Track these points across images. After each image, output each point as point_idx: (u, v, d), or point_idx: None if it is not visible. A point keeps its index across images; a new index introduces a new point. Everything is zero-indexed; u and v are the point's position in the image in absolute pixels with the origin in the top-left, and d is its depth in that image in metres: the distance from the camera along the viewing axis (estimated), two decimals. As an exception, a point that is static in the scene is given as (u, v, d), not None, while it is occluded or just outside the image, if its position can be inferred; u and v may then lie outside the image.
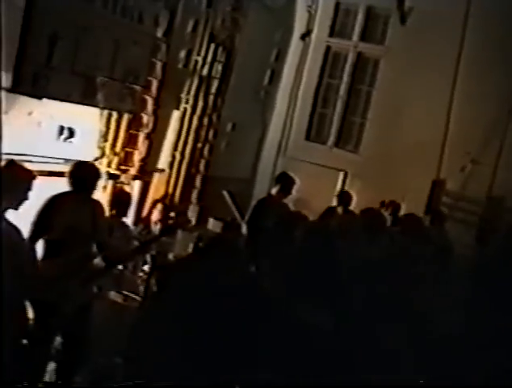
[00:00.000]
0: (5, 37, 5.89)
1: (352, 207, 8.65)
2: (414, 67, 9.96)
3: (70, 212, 5.12)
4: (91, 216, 5.33)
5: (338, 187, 10.23)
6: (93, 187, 5.42)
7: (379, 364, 4.41)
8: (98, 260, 5.47)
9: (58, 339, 5.57)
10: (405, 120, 10.11)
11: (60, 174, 7.04)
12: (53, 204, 5.13)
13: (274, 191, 7.93)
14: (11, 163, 4.63)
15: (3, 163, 4.63)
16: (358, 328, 4.48)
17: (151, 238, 6.75)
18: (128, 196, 7.66)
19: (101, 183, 6.26)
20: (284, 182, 7.90)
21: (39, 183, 4.63)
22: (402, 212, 8.38)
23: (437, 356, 4.75)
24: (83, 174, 5.33)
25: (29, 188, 4.50)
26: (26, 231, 4.75)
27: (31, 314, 4.90)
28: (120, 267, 6.73)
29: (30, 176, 4.55)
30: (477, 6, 9.53)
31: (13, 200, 4.40)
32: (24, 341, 4.64)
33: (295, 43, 11.01)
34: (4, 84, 5.99)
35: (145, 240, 6.30)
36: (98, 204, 5.53)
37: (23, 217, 4.68)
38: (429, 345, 4.86)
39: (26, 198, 4.49)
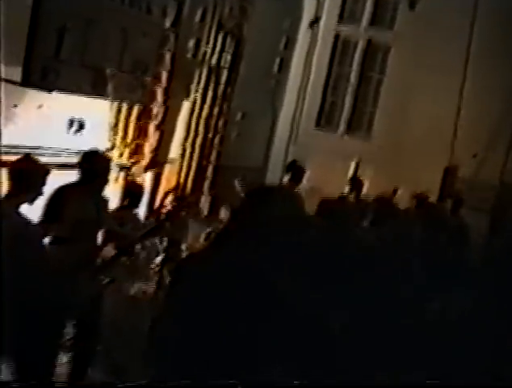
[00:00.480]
0: (14, 32, 5.91)
1: (364, 194, 8.64)
2: (425, 53, 9.90)
3: (77, 204, 5.12)
4: (97, 207, 5.33)
5: (350, 174, 10.19)
6: (103, 178, 5.42)
7: (386, 360, 4.39)
8: (105, 251, 5.49)
9: (71, 331, 5.61)
10: (417, 106, 10.08)
11: (71, 166, 7.07)
12: (61, 195, 5.13)
13: (285, 179, 7.93)
14: (26, 158, 4.66)
15: (18, 158, 4.65)
16: (365, 321, 4.43)
17: (156, 224, 6.74)
18: (139, 187, 7.68)
19: (112, 174, 6.27)
20: (295, 170, 7.90)
21: (51, 176, 4.66)
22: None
23: (445, 347, 4.71)
24: (92, 165, 5.33)
25: (44, 183, 4.53)
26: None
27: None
28: (132, 258, 6.75)
29: (44, 171, 4.57)
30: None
31: (28, 194, 4.43)
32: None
33: (303, 31, 10.96)
34: (14, 78, 6.00)
35: (151, 226, 6.30)
36: (101, 195, 5.53)
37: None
38: (437, 334, 4.81)
39: (41, 193, 4.52)
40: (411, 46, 10.07)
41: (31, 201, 4.50)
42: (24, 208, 4.50)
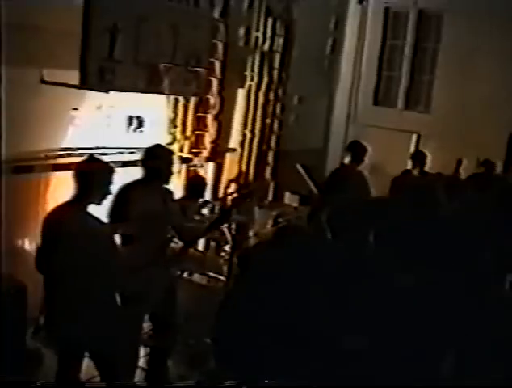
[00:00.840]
0: (67, 35, 6.03)
1: (428, 168, 8.53)
2: (480, 17, 9.65)
3: (143, 201, 5.19)
4: (163, 202, 5.39)
5: (412, 149, 10.06)
6: (166, 172, 5.47)
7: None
8: (174, 244, 5.55)
9: (148, 325, 5.71)
10: (476, 73, 9.83)
11: (133, 163, 7.17)
12: (126, 194, 5.21)
13: (346, 160, 7.90)
14: (91, 159, 4.73)
15: (83, 159, 4.74)
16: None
17: (222, 214, 6.79)
18: (201, 179, 7.75)
19: (175, 168, 6.31)
20: (356, 150, 7.87)
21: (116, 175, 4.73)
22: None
23: None
24: (154, 161, 5.38)
25: (110, 182, 4.59)
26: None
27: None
28: (201, 249, 6.83)
29: (110, 170, 4.64)
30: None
31: (96, 195, 4.51)
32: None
33: (353, 7, 10.84)
34: (71, 81, 6.12)
35: (217, 217, 6.33)
36: (167, 190, 5.58)
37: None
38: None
39: (108, 192, 4.59)
40: (464, 11, 9.81)
41: (99, 201, 4.58)
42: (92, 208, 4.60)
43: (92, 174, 4.51)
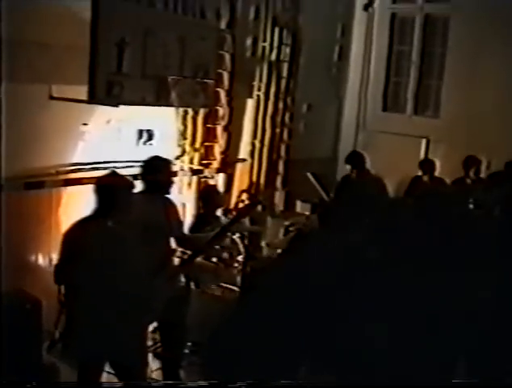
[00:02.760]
0: (76, 52, 6.07)
1: (438, 173, 8.53)
2: (486, 21, 9.64)
3: (143, 211, 5.15)
4: (165, 213, 5.38)
5: (422, 155, 10.04)
6: (167, 185, 5.46)
7: None
8: (179, 254, 5.53)
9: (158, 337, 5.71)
10: (484, 76, 9.82)
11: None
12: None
13: (350, 170, 8.07)
14: (113, 174, 4.71)
15: (104, 174, 4.71)
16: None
17: (228, 222, 6.78)
18: (214, 188, 7.76)
19: (185, 179, 6.30)
20: (355, 161, 8.06)
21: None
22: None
23: None
24: (154, 174, 5.37)
25: (131, 197, 4.56)
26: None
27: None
28: (215, 260, 6.81)
29: (131, 185, 4.61)
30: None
31: (117, 209, 4.45)
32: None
33: (359, 14, 10.86)
34: (80, 97, 6.15)
35: (223, 225, 6.32)
36: (169, 201, 5.57)
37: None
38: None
39: (129, 207, 4.52)
40: (471, 14, 9.80)
41: (120, 216, 4.50)
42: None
43: (113, 188, 4.47)
